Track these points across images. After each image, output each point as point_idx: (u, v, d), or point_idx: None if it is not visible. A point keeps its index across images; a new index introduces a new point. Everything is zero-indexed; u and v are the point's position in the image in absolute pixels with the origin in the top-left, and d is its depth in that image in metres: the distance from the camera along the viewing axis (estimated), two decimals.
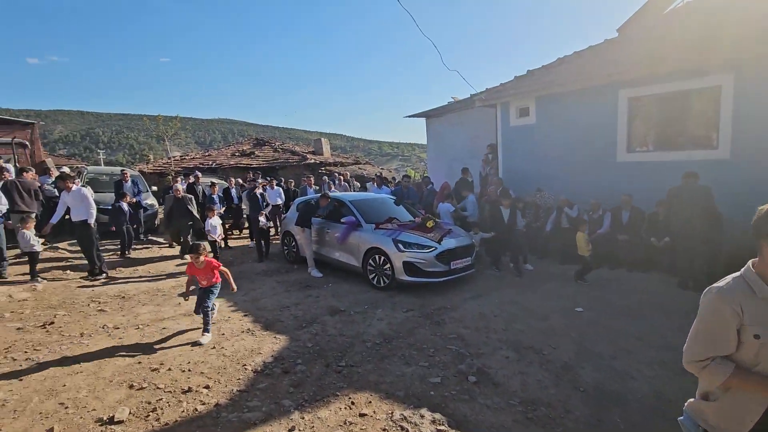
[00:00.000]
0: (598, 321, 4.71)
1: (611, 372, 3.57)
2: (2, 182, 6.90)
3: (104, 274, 6.61)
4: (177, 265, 7.54)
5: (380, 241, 6.07)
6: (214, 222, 7.36)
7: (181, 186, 8.30)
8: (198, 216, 8.17)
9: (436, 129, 14.17)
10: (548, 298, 5.57)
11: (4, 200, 6.35)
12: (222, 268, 4.45)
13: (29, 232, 6.12)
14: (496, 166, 9.69)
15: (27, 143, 12.46)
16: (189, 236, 7.97)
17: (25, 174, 7.27)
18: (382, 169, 26.15)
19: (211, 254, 6.99)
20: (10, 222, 6.61)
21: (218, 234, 7.27)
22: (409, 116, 14.79)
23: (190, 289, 4.47)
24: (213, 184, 9.52)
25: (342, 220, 6.77)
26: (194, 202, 8.31)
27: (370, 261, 6.18)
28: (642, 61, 7.03)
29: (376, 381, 3.44)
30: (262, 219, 8.02)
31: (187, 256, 4.21)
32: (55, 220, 6.41)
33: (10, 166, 9.11)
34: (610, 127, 7.51)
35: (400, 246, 5.88)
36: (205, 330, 4.24)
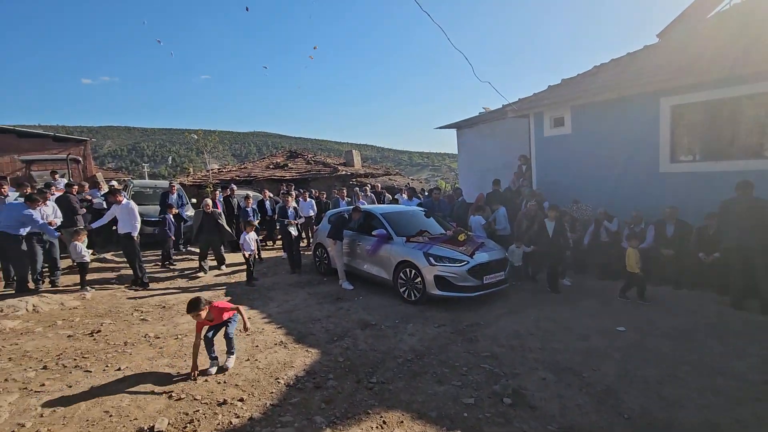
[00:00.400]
0: (642, 342, 4.45)
1: (658, 398, 3.35)
2: (57, 196, 7.41)
3: (146, 284, 6.92)
4: (215, 276, 7.80)
5: (411, 255, 6.04)
6: (250, 237, 7.21)
7: (210, 201, 8.11)
8: (228, 229, 8.27)
9: (467, 140, 14.06)
10: (587, 316, 5.33)
11: (59, 213, 6.80)
12: (233, 306, 4.02)
13: (81, 244, 6.52)
14: (530, 177, 9.47)
15: (80, 158, 13.35)
16: (222, 249, 8.21)
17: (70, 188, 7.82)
18: (412, 179, 26.16)
19: (247, 268, 7.19)
20: (62, 234, 7.06)
21: (252, 249, 7.27)
22: (440, 127, 14.76)
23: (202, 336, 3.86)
24: (247, 197, 9.80)
25: (373, 233, 6.79)
26: (224, 216, 8.52)
27: (401, 274, 6.15)
28: (687, 67, 6.71)
29: (408, 400, 3.38)
30: (292, 230, 8.10)
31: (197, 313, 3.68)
32: (96, 225, 6.83)
33: (64, 181, 9.80)
34: (652, 137, 7.19)
35: (431, 259, 5.82)
36: (230, 352, 4.01)
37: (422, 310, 5.64)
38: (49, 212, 6.57)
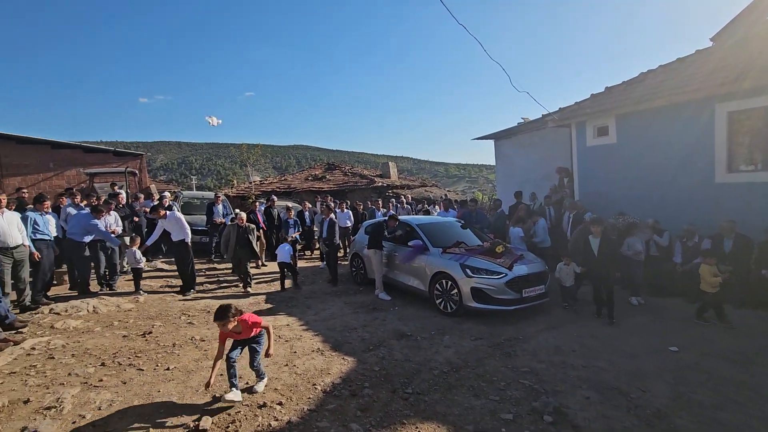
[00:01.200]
0: (697, 364, 4.16)
1: (715, 425, 3.11)
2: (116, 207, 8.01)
3: (193, 290, 7.28)
4: (256, 283, 8.07)
5: (447, 266, 6.00)
6: (286, 248, 7.74)
7: (243, 215, 8.06)
8: (256, 249, 8.20)
9: (506, 151, 13.84)
10: (635, 333, 5.06)
11: (120, 222, 7.35)
12: (263, 324, 3.69)
13: (137, 251, 6.99)
14: (572, 187, 9.16)
15: (137, 171, 14.35)
16: (248, 266, 7.77)
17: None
18: (448, 191, 25.98)
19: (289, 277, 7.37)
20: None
21: (286, 260, 7.61)
22: (478, 138, 14.64)
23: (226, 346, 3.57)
24: (289, 209, 10.01)
25: (409, 244, 6.81)
26: (258, 230, 8.78)
27: (437, 286, 6.11)
28: (745, 71, 6.32)
29: (444, 412, 3.34)
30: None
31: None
32: (150, 242, 7.28)
33: (124, 192, 10.57)
34: (706, 145, 6.78)
35: (468, 271, 5.76)
36: (260, 377, 3.72)
37: (458, 323, 5.56)
38: (111, 221, 7.13)
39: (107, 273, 7.19)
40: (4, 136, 12.30)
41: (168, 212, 7.16)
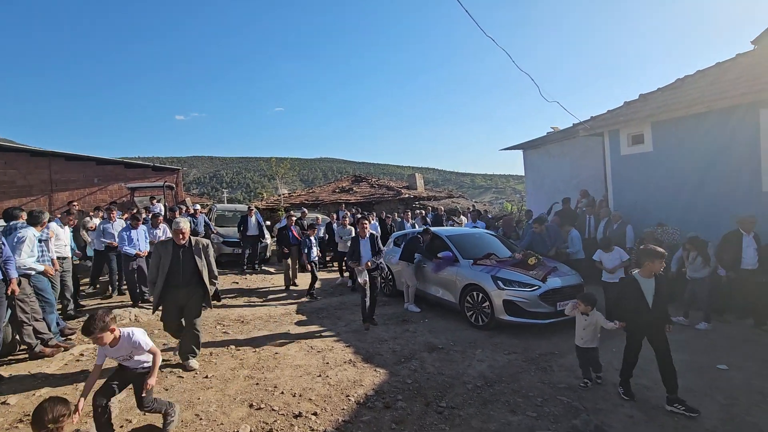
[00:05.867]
0: (750, 383, 3.92)
1: None
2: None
3: (219, 299, 7.44)
4: (285, 293, 8.21)
5: (478, 278, 5.93)
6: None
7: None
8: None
9: (535, 161, 13.63)
10: (678, 350, 4.76)
11: (169, 234, 7.70)
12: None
13: None
14: (593, 205, 8.95)
15: (173, 185, 14.97)
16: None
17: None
18: (475, 201, 25.72)
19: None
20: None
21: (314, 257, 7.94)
22: (505, 149, 14.49)
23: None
24: (313, 227, 10.04)
25: (438, 255, 6.77)
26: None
27: (468, 298, 6.04)
28: None
29: (480, 427, 3.29)
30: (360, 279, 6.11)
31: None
32: None
33: (161, 206, 11.05)
34: (751, 152, 6.47)
35: (500, 283, 5.67)
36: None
37: (490, 336, 5.47)
38: (160, 234, 7.55)
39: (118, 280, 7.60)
40: (55, 153, 13.15)
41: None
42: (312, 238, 8.42)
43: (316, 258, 8.37)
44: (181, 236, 4.31)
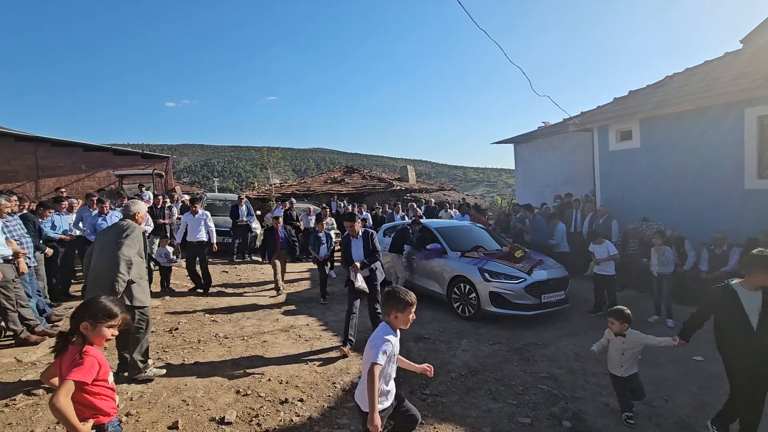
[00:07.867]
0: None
1: None
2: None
3: (210, 288, 7.43)
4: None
5: (466, 270, 6.01)
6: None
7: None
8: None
9: (525, 155, 13.74)
10: None
11: (151, 222, 7.61)
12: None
13: (170, 249, 7.23)
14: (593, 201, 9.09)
15: (163, 173, 14.81)
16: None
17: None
18: (467, 194, 25.83)
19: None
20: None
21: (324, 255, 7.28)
22: (497, 142, 14.58)
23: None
24: (320, 221, 9.52)
25: (427, 247, 6.84)
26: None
27: (455, 289, 6.13)
28: None
29: (462, 414, 3.37)
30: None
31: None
32: (179, 238, 7.49)
33: (150, 194, 10.94)
34: (735, 150, 6.62)
35: (487, 275, 5.76)
36: None
37: (476, 327, 5.57)
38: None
39: None
40: (41, 138, 12.90)
41: (201, 210, 7.39)
42: (321, 234, 7.46)
43: (326, 255, 7.38)
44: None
